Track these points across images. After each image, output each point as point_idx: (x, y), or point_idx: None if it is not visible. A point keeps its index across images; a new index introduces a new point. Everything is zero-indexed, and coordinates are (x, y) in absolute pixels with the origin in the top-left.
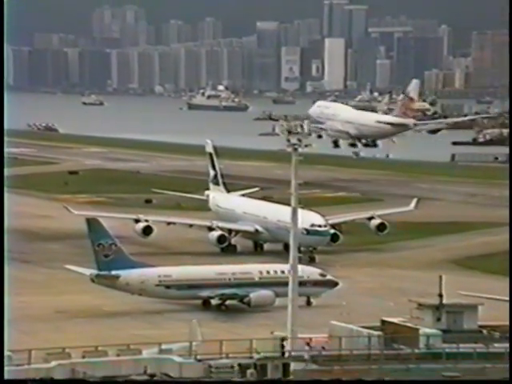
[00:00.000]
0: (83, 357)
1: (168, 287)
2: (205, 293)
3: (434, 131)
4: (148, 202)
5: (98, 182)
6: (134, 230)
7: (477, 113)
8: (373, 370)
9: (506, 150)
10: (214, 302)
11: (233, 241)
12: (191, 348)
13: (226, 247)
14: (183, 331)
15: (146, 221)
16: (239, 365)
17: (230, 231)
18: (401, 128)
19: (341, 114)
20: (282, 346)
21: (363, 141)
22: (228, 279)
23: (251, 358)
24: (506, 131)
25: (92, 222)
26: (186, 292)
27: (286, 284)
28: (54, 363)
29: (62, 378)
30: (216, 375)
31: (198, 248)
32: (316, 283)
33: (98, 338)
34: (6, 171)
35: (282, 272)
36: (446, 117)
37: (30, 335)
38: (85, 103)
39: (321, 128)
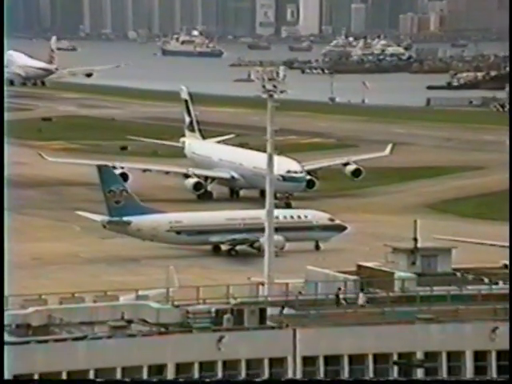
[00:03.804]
0: (60, 303)
1: (179, 233)
2: (215, 238)
3: (88, 75)
4: (123, 148)
5: (73, 129)
6: None
7: (451, 57)
8: (348, 314)
9: (481, 93)
10: (224, 247)
11: (209, 188)
12: (168, 294)
13: (202, 194)
14: (160, 277)
15: (122, 168)
16: (216, 310)
17: (206, 178)
18: (47, 72)
19: (17, 61)
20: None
21: (32, 80)
22: (238, 224)
23: (228, 303)
24: (480, 75)
25: (103, 169)
26: (196, 237)
27: (296, 229)
28: (30, 309)
29: (39, 324)
30: (193, 321)
31: (175, 195)
32: (325, 228)
33: (75, 284)
34: None
35: (292, 217)
36: (421, 61)
37: (7, 282)
38: (57, 48)
39: None
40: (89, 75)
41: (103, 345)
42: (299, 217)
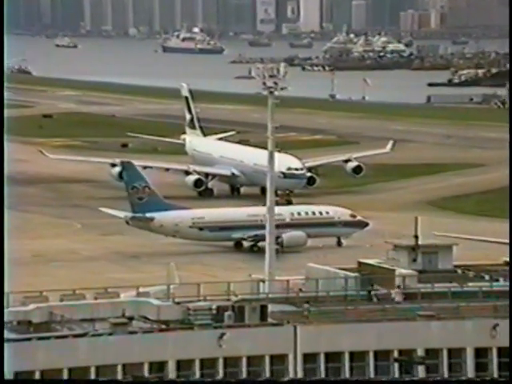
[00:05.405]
0: (61, 300)
1: (201, 229)
2: (237, 234)
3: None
4: (124, 146)
5: (73, 126)
6: (109, 174)
7: (452, 54)
8: (349, 311)
9: (481, 90)
10: (246, 243)
11: (209, 185)
12: (169, 291)
13: (202, 191)
14: (161, 274)
15: None
16: (217, 307)
17: (206, 175)
18: None
19: None
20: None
21: None
22: (260, 221)
23: (229, 300)
24: (480, 72)
25: (126, 165)
26: (218, 234)
27: (317, 225)
28: (31, 306)
29: (40, 321)
30: (194, 318)
31: (175, 192)
32: (346, 224)
33: (76, 281)
34: None
35: (313, 213)
36: (422, 58)
37: (8, 279)
38: (58, 45)
39: None
40: None
41: (104, 342)
42: (321, 213)
